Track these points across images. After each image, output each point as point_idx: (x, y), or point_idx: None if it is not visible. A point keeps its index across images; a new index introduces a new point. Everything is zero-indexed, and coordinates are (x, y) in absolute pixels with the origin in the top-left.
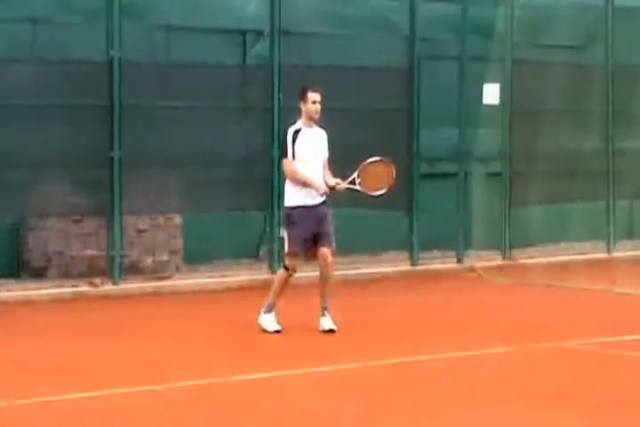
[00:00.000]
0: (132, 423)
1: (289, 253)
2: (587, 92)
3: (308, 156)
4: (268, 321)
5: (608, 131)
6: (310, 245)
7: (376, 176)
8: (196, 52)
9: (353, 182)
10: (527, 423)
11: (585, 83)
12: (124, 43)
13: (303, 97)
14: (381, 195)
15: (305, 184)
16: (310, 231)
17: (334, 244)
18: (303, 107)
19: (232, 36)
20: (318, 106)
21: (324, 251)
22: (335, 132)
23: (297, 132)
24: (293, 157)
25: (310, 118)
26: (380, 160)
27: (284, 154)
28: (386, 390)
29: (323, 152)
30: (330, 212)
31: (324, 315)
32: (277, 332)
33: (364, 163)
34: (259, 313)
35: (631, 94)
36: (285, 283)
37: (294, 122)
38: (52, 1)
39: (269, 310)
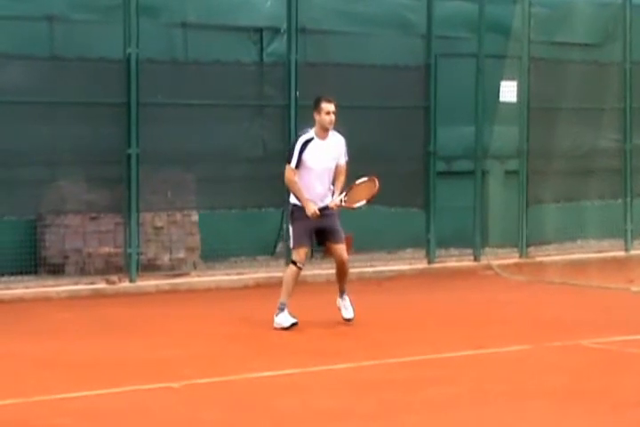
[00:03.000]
0: (149, 421)
1: (295, 248)
2: (604, 89)
3: (316, 166)
4: (283, 318)
5: (625, 128)
6: (313, 237)
7: (359, 191)
8: (213, 49)
9: (341, 202)
10: (543, 422)
11: (602, 80)
12: (141, 40)
13: (317, 107)
14: (360, 207)
15: (297, 197)
16: (313, 226)
17: (343, 239)
18: (317, 117)
19: (249, 33)
20: (332, 116)
21: (338, 249)
22: (352, 130)
23: (308, 142)
24: (297, 165)
25: (324, 129)
26: (369, 179)
27: (288, 159)
28: (401, 388)
29: (334, 162)
30: (334, 211)
31: (342, 297)
32: (294, 325)
33: (354, 183)
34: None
35: None
36: (295, 279)
37: (308, 130)
38: None
39: (282, 310)
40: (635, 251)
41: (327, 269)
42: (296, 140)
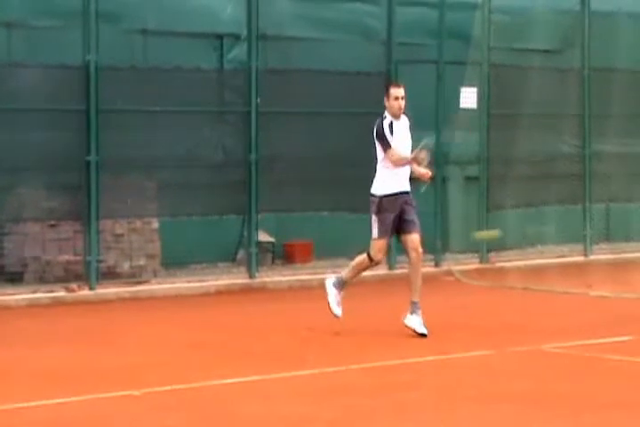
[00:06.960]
0: None
1: (378, 239)
2: (563, 95)
3: (401, 146)
4: (330, 297)
5: (584, 134)
6: (394, 230)
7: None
8: (173, 56)
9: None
10: (508, 426)
11: (561, 86)
12: (101, 47)
13: (386, 93)
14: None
15: (409, 162)
16: (395, 217)
17: (420, 230)
18: (387, 103)
19: (209, 40)
20: (402, 102)
21: (414, 239)
22: (313, 136)
23: (392, 124)
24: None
25: (394, 114)
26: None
27: (386, 146)
28: (366, 394)
29: (408, 141)
30: (414, 202)
31: (413, 312)
32: (336, 316)
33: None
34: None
35: (607, 98)
36: (363, 269)
37: (385, 115)
38: (27, 5)
39: (337, 287)
40: (594, 256)
41: (288, 276)
42: (381, 126)
